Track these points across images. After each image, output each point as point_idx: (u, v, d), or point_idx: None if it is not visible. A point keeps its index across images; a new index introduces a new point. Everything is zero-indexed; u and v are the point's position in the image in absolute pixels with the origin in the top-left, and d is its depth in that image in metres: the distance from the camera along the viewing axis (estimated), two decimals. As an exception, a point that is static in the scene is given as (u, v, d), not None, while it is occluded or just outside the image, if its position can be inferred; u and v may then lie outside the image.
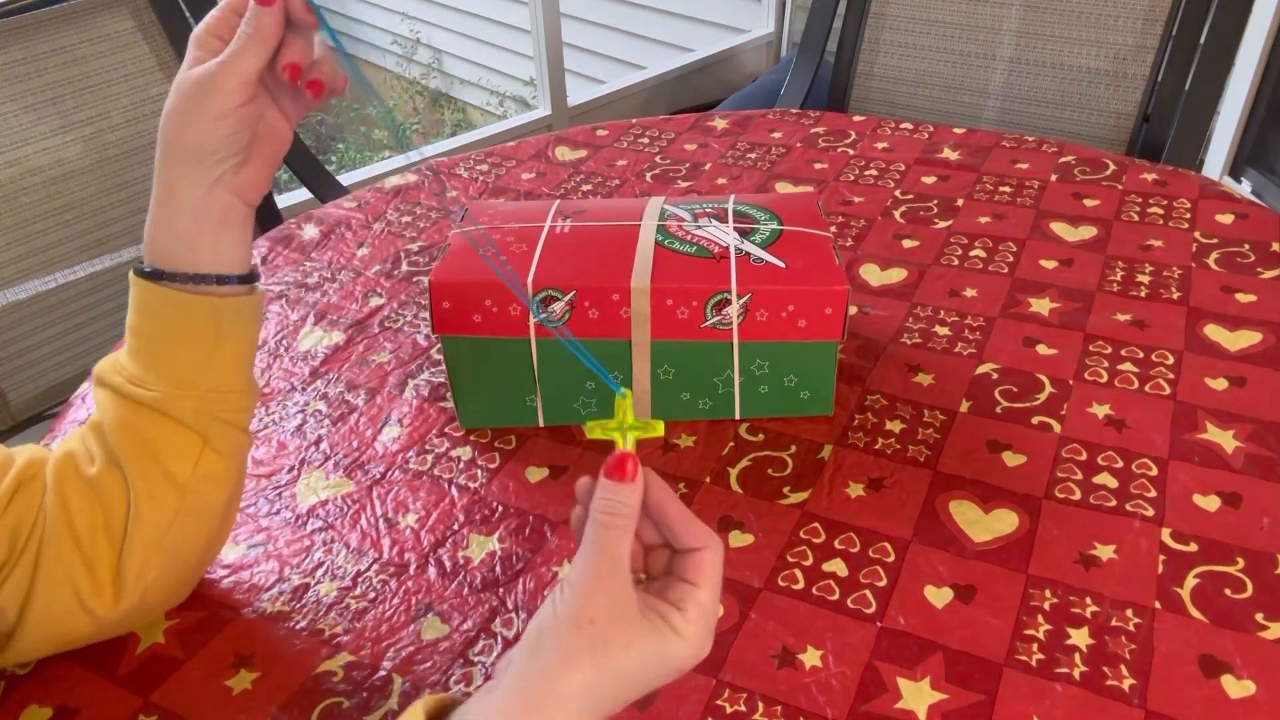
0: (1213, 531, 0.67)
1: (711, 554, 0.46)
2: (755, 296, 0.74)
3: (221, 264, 0.60)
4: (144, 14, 1.31)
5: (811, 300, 0.74)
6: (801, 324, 0.74)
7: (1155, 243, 0.99)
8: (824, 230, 0.79)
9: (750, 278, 0.74)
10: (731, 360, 0.76)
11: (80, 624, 0.59)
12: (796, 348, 0.76)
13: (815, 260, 0.76)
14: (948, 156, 1.19)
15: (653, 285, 0.73)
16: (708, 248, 0.77)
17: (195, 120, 0.56)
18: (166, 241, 0.59)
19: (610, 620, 0.43)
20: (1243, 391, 0.79)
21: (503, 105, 4.34)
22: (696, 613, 0.45)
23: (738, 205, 0.83)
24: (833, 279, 0.74)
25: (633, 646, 0.43)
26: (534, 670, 0.43)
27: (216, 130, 0.56)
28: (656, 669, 0.44)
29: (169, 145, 0.57)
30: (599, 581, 0.44)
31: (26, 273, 1.21)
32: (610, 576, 0.44)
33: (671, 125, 1.32)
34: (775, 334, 0.75)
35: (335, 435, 0.80)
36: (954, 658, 0.59)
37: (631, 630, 0.44)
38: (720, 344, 0.75)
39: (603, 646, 0.43)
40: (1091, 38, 1.52)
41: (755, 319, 0.74)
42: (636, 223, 0.80)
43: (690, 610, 0.45)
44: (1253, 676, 0.57)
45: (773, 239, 0.78)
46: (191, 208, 0.58)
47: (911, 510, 0.70)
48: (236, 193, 0.59)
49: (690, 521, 0.47)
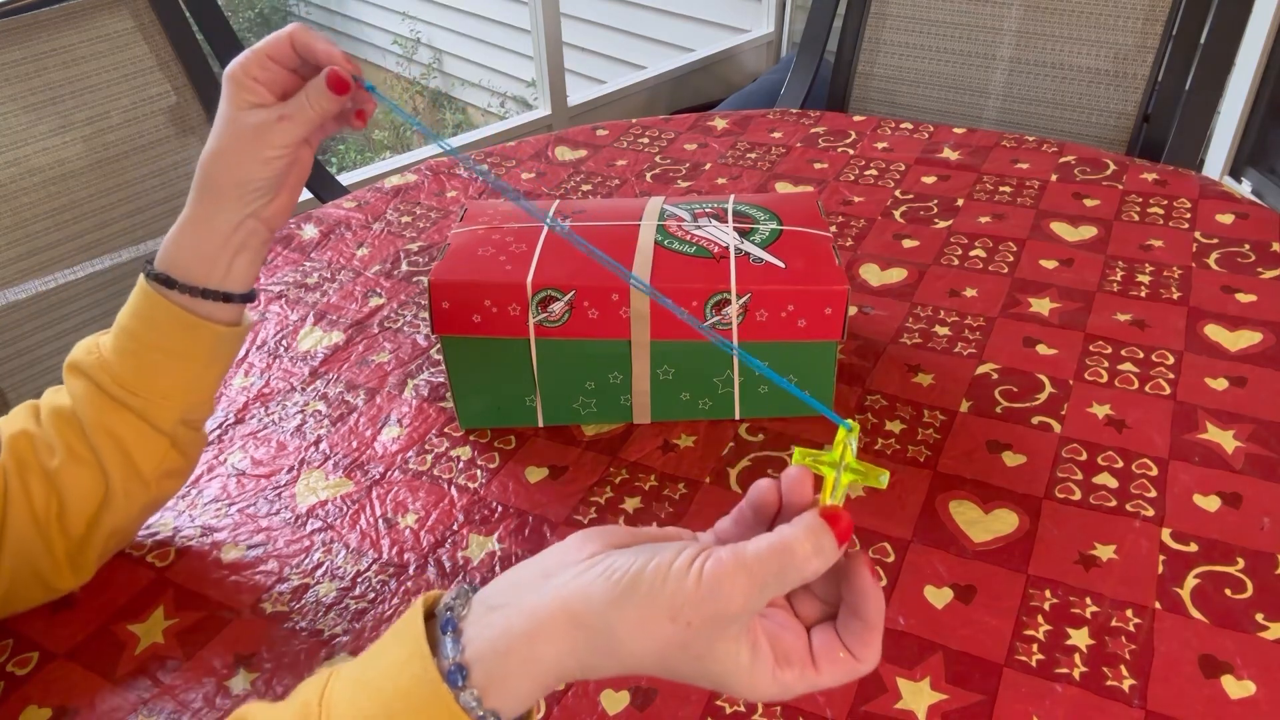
0: (1213, 531, 0.66)
1: (861, 664, 0.42)
2: (755, 296, 0.73)
3: (230, 283, 0.63)
4: (144, 14, 1.31)
5: (811, 300, 0.73)
6: (801, 324, 0.74)
7: (1155, 243, 0.99)
8: (824, 230, 0.79)
9: (750, 278, 0.74)
10: (731, 360, 0.76)
11: (36, 595, 0.64)
12: (796, 348, 0.75)
13: (815, 260, 0.75)
14: (948, 156, 1.19)
15: (652, 285, 0.73)
16: (707, 247, 0.77)
17: (245, 161, 0.59)
18: (186, 256, 0.61)
19: (710, 633, 0.39)
20: (1243, 391, 0.79)
21: (503, 106, 4.34)
22: (792, 679, 0.41)
23: (738, 205, 0.83)
24: (833, 279, 0.74)
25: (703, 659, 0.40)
26: (614, 620, 0.39)
27: (263, 172, 0.60)
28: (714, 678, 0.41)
29: (211, 180, 0.60)
30: (739, 589, 0.38)
31: (26, 273, 1.21)
32: (758, 593, 0.39)
33: (671, 125, 1.32)
34: (775, 334, 0.75)
35: (335, 435, 0.80)
36: (954, 658, 0.59)
37: (718, 641, 0.39)
38: (717, 347, 0.75)
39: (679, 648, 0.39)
40: (1092, 38, 1.52)
41: (755, 319, 0.74)
42: (636, 223, 0.80)
43: (788, 675, 0.41)
44: (1253, 677, 0.57)
45: (772, 239, 0.78)
46: (222, 234, 0.61)
47: (911, 510, 0.70)
48: (265, 221, 0.63)
49: (873, 629, 0.42)
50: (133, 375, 0.61)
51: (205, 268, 0.62)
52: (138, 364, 0.61)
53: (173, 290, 0.61)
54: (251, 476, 0.77)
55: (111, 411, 0.61)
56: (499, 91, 4.33)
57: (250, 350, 0.91)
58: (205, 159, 0.60)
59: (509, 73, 4.22)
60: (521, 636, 0.39)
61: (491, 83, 4.36)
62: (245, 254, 0.63)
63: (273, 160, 0.60)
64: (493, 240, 0.78)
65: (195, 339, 0.62)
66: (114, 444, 0.61)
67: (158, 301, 0.61)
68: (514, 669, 0.39)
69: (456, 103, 4.70)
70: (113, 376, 0.61)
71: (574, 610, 0.39)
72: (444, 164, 1.25)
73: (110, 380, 0.61)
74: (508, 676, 0.39)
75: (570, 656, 0.39)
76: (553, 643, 0.39)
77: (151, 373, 0.62)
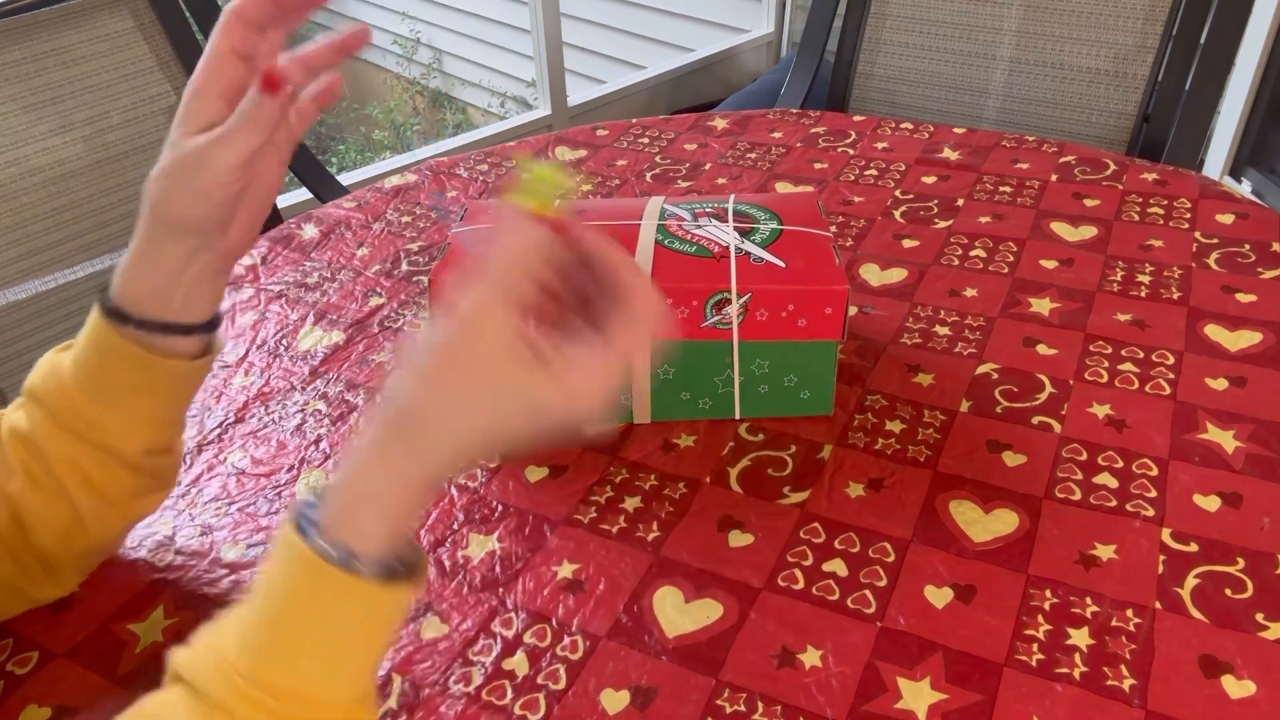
0: (1213, 531, 0.66)
1: (610, 346, 0.43)
2: (755, 296, 0.73)
3: (188, 314, 0.58)
4: (144, 14, 1.31)
5: (812, 300, 0.73)
6: (802, 323, 0.74)
7: (1156, 243, 0.99)
8: (824, 230, 0.79)
9: (750, 277, 0.74)
10: (731, 360, 0.76)
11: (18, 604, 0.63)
12: (796, 347, 0.75)
13: (815, 260, 0.75)
14: (948, 156, 1.19)
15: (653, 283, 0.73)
16: (707, 247, 0.77)
17: (181, 193, 0.53)
18: (138, 287, 0.56)
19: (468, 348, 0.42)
20: (1243, 392, 0.79)
21: (503, 106, 4.34)
22: (561, 369, 0.42)
23: (738, 205, 0.83)
24: (833, 278, 0.74)
25: (480, 385, 0.42)
26: (402, 394, 0.42)
27: (202, 207, 0.53)
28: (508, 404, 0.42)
29: (154, 206, 0.54)
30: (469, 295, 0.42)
31: (26, 273, 1.21)
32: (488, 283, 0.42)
33: (672, 125, 1.32)
34: (775, 333, 0.75)
35: (335, 435, 0.80)
36: (954, 658, 0.59)
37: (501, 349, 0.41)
38: (720, 343, 0.75)
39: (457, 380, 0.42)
40: (1091, 38, 1.52)
41: (755, 318, 0.74)
42: (637, 222, 0.80)
43: (557, 369, 0.42)
44: (1253, 677, 0.57)
45: (773, 238, 0.78)
46: (171, 268, 0.56)
47: (911, 510, 0.70)
48: (221, 254, 0.58)
49: (625, 269, 0.44)
50: (92, 409, 0.57)
51: (159, 301, 0.56)
52: (96, 399, 0.57)
53: (127, 326, 0.56)
54: (251, 476, 0.77)
55: (71, 445, 0.57)
56: (499, 91, 4.33)
57: (250, 350, 0.91)
58: (149, 181, 0.54)
59: (509, 73, 4.22)
60: (352, 469, 0.43)
61: (491, 83, 4.36)
62: (202, 287, 0.57)
63: (212, 193, 0.53)
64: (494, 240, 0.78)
65: (154, 377, 0.57)
66: (77, 474, 0.58)
67: (112, 339, 0.56)
68: (353, 501, 0.42)
69: (456, 103, 4.70)
70: (71, 408, 0.57)
71: (376, 417, 0.43)
72: (443, 164, 1.25)
73: (69, 413, 0.57)
74: (350, 511, 0.42)
75: (394, 459, 0.42)
76: (375, 457, 0.42)
77: (111, 408, 0.57)
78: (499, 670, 0.60)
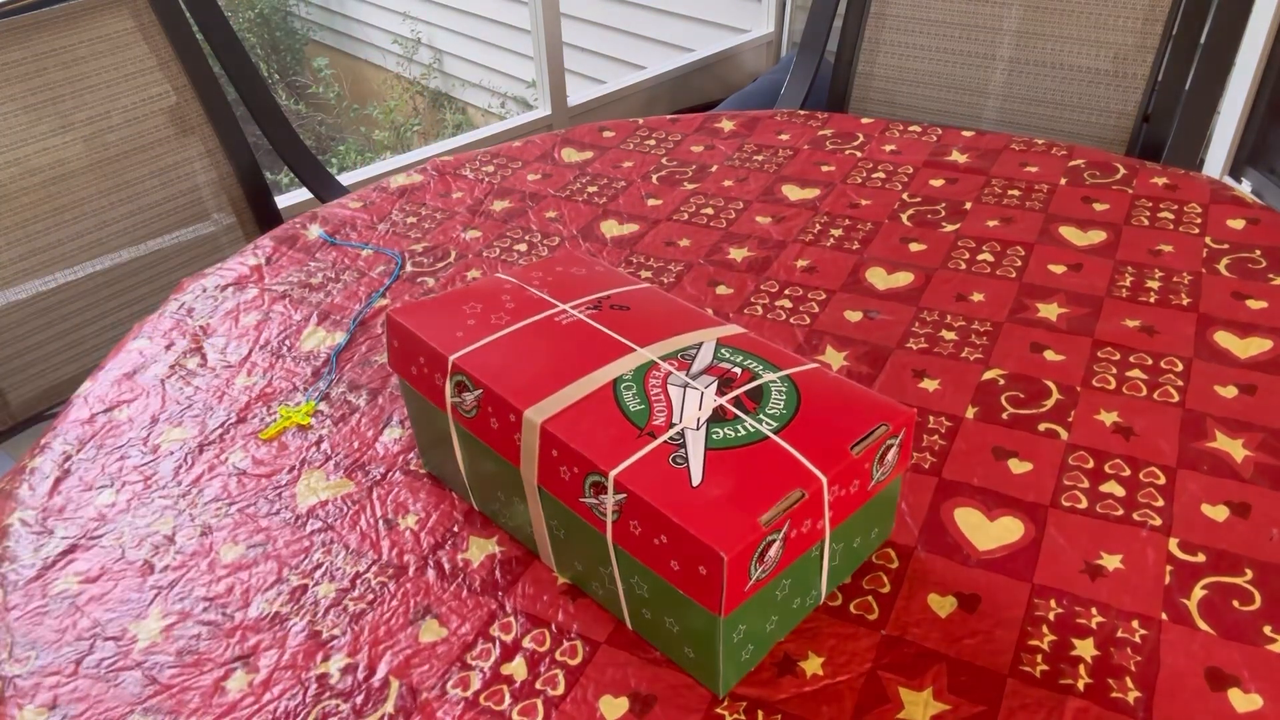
0: (1221, 542, 0.66)
1: None
2: (630, 500, 0.54)
3: None
4: (144, 14, 1.31)
5: (684, 546, 0.52)
6: (674, 566, 0.53)
7: (1165, 248, 0.98)
8: (853, 438, 0.58)
9: (643, 472, 0.54)
10: (610, 558, 0.59)
11: None
12: (674, 592, 0.55)
13: (746, 493, 0.53)
14: (956, 159, 1.18)
15: (544, 425, 0.59)
16: (652, 409, 0.59)
17: None
18: None
19: None
20: (1253, 399, 0.78)
21: (504, 106, 4.34)
22: None
23: (768, 379, 0.62)
24: (731, 528, 0.51)
25: None
26: None
27: None
28: None
29: None
30: None
31: (26, 273, 1.21)
32: None
33: (678, 127, 1.31)
34: (649, 560, 0.55)
35: (336, 435, 0.80)
36: (957, 668, 0.59)
37: None
38: (597, 533, 0.58)
39: None
40: (1091, 38, 1.51)
41: (629, 528, 0.55)
42: (633, 347, 0.65)
43: None
44: (1260, 690, 0.56)
45: (783, 423, 0.58)
46: None
47: (915, 517, 0.69)
48: None
49: None
50: None
51: None
52: None
53: None
54: (252, 476, 0.76)
55: None
56: (499, 92, 4.33)
57: (253, 350, 0.91)
58: None
59: (509, 73, 4.21)
60: None
61: (491, 83, 4.36)
62: None
63: None
64: (496, 298, 0.70)
65: None
66: None
67: None
68: None
69: (456, 103, 4.70)
70: None
71: None
72: (449, 164, 1.24)
73: None
74: None
75: None
76: None
77: None
78: (497, 675, 0.60)
